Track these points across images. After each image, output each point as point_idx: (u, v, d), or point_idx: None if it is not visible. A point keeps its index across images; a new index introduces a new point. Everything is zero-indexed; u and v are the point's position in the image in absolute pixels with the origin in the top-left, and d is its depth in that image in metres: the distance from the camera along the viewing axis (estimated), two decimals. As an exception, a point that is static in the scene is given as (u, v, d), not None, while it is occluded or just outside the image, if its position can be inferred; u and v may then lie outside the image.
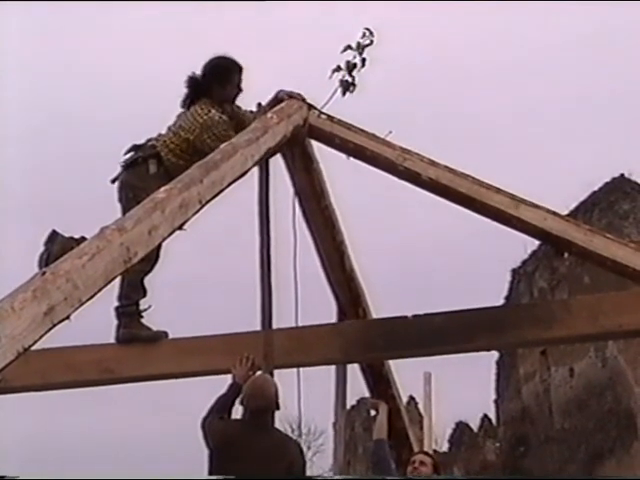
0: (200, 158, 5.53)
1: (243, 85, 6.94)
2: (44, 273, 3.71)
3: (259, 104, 6.84)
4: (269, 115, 6.31)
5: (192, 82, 6.86)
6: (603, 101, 57.77)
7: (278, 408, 5.79)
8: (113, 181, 6.75)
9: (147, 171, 6.63)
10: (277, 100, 6.66)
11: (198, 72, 6.88)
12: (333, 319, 7.68)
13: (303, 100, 6.70)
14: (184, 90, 6.87)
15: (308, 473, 5.99)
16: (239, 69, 6.89)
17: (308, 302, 6.93)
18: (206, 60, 6.89)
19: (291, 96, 6.64)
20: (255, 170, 6.22)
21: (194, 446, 6.00)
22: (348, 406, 8.48)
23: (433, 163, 6.58)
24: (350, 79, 6.77)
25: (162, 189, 4.79)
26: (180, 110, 6.90)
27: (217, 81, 6.80)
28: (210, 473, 5.60)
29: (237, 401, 5.88)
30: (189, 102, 6.83)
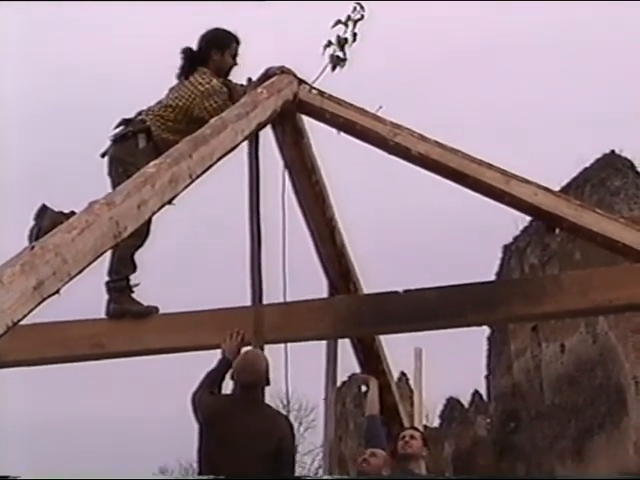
0: (194, 129, 5.55)
1: (238, 60, 6.98)
2: (33, 247, 3.71)
3: (249, 79, 6.83)
4: (259, 90, 6.30)
5: (188, 53, 6.87)
6: (595, 77, 57.73)
7: (268, 383, 5.80)
8: (103, 155, 6.76)
9: (136, 146, 6.64)
10: (267, 77, 6.64)
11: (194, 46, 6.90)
12: (324, 294, 7.69)
13: (294, 75, 6.69)
14: (179, 62, 6.86)
15: (299, 449, 6.01)
16: (237, 40, 6.95)
17: (299, 277, 6.94)
18: (202, 32, 6.91)
19: (282, 72, 6.63)
20: (245, 145, 6.21)
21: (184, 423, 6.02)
22: (339, 382, 8.49)
23: (423, 138, 6.58)
24: (341, 54, 6.75)
25: (152, 163, 4.79)
26: (174, 83, 6.89)
27: (217, 48, 6.84)
28: (200, 448, 5.61)
29: (227, 376, 5.89)
30: (185, 73, 6.82)
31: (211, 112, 6.39)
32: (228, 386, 5.89)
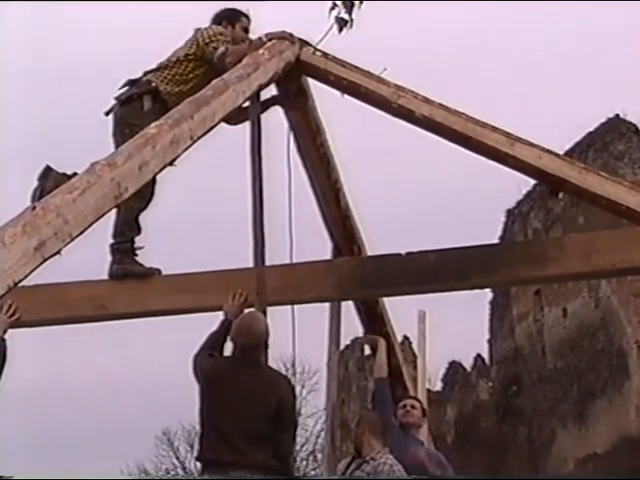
0: (206, 71, 5.93)
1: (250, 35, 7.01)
2: (34, 208, 3.70)
3: (250, 40, 6.80)
4: (260, 51, 6.28)
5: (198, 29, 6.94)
6: (599, 42, 57.44)
7: (267, 346, 5.78)
8: (107, 113, 6.74)
9: (142, 107, 6.63)
10: (263, 42, 6.61)
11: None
12: (328, 256, 7.68)
13: (297, 39, 6.64)
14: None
15: (302, 412, 6.01)
16: (247, 16, 7.04)
17: (303, 239, 6.92)
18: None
19: (281, 37, 6.58)
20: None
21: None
22: (342, 345, 8.49)
23: (427, 100, 6.53)
24: (347, 17, 6.71)
25: (153, 124, 4.78)
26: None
27: (227, 20, 6.94)
28: (201, 410, 5.62)
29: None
30: None
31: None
32: (230, 348, 5.89)
